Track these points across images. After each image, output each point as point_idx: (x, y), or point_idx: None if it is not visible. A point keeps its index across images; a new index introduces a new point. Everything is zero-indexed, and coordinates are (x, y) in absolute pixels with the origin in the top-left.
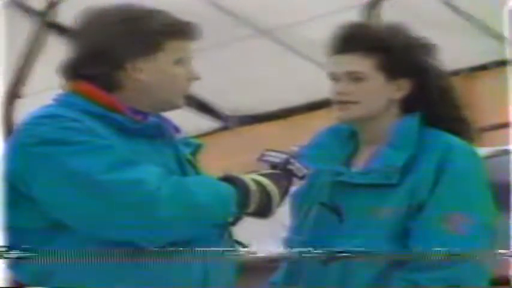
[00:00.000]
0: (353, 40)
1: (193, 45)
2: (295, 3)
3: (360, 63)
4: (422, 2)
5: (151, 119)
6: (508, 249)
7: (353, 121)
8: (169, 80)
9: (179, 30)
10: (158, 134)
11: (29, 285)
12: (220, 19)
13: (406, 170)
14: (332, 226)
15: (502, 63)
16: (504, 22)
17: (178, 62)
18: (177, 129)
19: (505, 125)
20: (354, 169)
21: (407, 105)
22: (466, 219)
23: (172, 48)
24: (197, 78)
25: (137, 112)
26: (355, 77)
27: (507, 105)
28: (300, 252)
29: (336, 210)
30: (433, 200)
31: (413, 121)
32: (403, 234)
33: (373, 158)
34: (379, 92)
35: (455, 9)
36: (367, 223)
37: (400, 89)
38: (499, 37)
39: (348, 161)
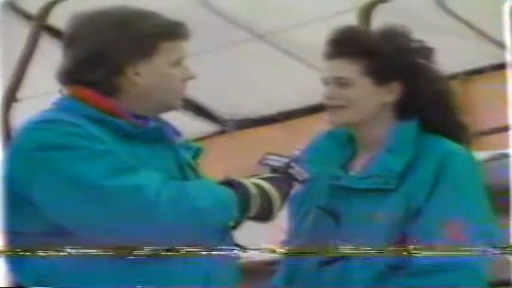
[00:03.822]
0: (340, 45)
1: (187, 45)
2: (292, 7)
3: (346, 69)
4: (419, 5)
5: (152, 123)
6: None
7: (346, 125)
8: (167, 82)
9: (172, 31)
10: (158, 138)
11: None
12: (218, 23)
13: (404, 175)
14: (329, 230)
15: (499, 67)
16: (503, 26)
17: (174, 62)
18: (177, 133)
19: (504, 129)
20: (351, 173)
21: (402, 110)
22: (464, 224)
23: (167, 50)
24: (192, 78)
25: (137, 116)
26: (342, 82)
27: (506, 109)
28: (298, 256)
29: (333, 214)
30: (430, 205)
31: (411, 126)
32: (400, 239)
33: (370, 162)
34: (367, 96)
35: (453, 13)
36: (364, 227)
37: (391, 92)
38: (496, 41)
39: (345, 165)
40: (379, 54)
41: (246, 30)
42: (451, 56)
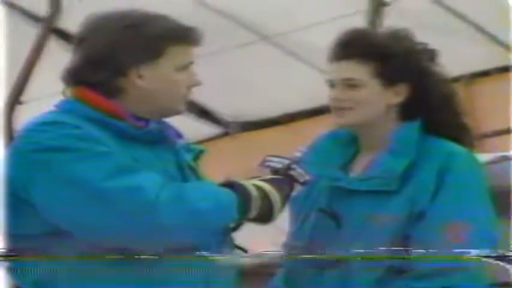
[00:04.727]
0: (349, 47)
1: (195, 51)
2: (297, 9)
3: (356, 70)
4: (424, 7)
5: (153, 125)
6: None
7: (352, 127)
8: (171, 87)
9: (181, 36)
10: (159, 140)
11: None
12: (221, 25)
13: (405, 177)
14: (330, 232)
15: (503, 69)
16: (509, 28)
17: (180, 68)
18: (179, 135)
19: (506, 131)
20: (352, 175)
21: (407, 112)
22: (467, 227)
23: (174, 54)
24: (198, 84)
25: (139, 118)
26: (351, 84)
27: (508, 111)
28: (299, 258)
29: (334, 217)
30: (433, 208)
31: (413, 128)
32: (402, 242)
33: (372, 164)
34: (376, 98)
35: (458, 15)
36: (365, 230)
37: (398, 94)
38: (501, 43)
39: (347, 167)
40: (389, 56)
41: (250, 32)
42: (456, 58)
